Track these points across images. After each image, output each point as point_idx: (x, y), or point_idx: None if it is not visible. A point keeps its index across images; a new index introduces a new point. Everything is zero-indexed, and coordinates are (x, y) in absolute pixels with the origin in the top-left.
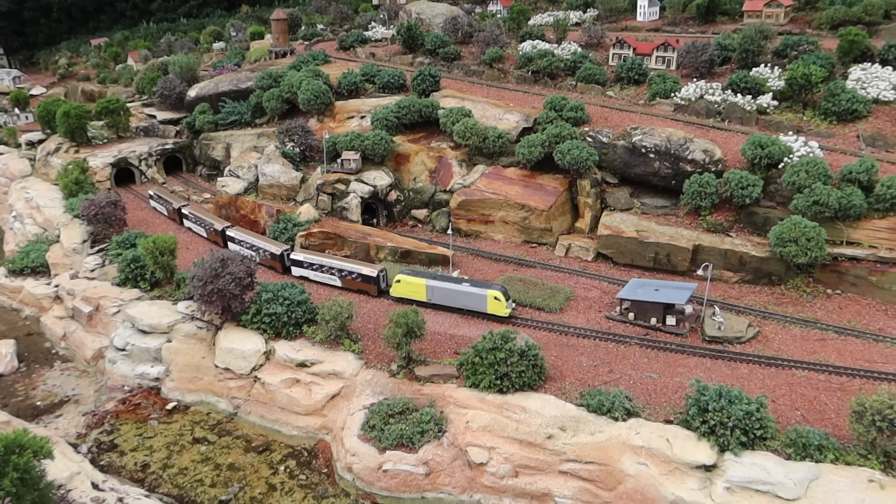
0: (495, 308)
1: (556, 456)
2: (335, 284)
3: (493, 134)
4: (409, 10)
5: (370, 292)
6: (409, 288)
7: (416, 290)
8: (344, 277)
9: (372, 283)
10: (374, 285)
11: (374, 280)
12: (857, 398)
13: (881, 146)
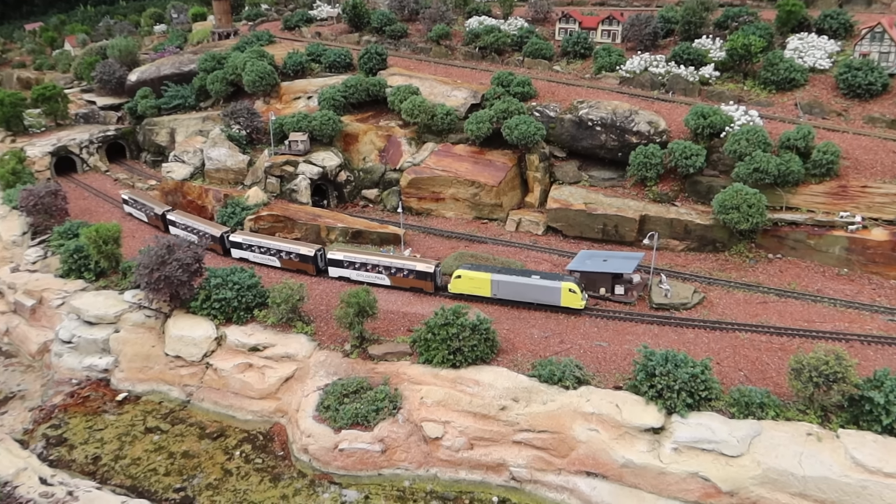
0: (570, 301)
1: (509, 427)
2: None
3: (441, 111)
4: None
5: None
6: (471, 283)
7: (479, 286)
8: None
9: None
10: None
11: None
12: (795, 356)
13: (818, 113)
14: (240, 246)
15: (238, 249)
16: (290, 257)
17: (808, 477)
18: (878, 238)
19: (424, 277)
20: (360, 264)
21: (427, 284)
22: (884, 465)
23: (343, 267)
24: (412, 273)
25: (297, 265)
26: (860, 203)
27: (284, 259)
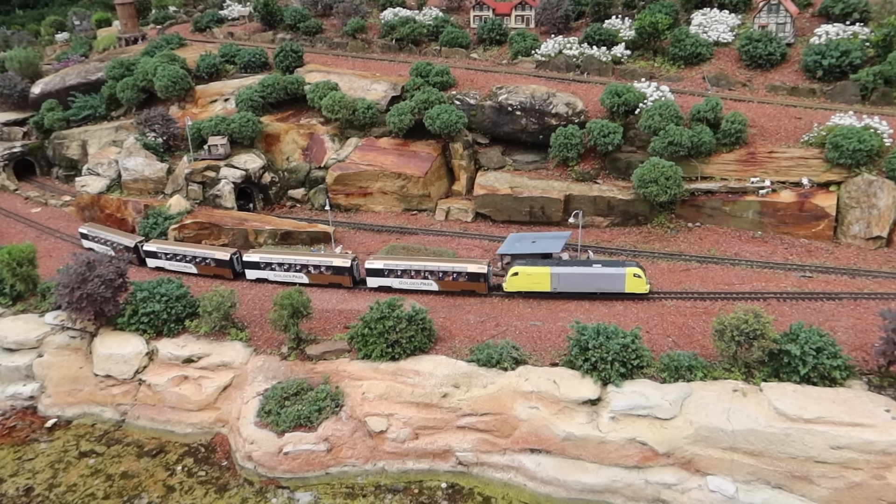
0: (635, 286)
1: (452, 413)
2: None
3: (362, 105)
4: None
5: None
6: (529, 280)
7: (538, 281)
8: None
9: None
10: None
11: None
12: (717, 318)
13: (724, 85)
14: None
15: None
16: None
17: (737, 431)
18: (786, 200)
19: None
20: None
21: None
22: (803, 412)
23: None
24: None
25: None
26: (768, 168)
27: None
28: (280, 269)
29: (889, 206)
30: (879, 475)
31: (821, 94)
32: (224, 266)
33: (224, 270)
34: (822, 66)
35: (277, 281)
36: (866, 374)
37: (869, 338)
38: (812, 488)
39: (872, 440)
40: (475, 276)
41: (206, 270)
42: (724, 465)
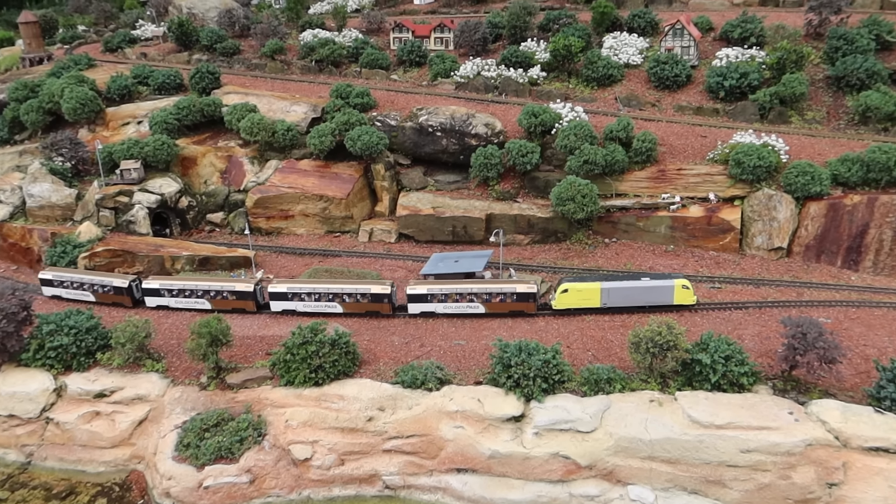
0: (683, 297)
1: (378, 436)
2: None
3: (281, 127)
4: (179, 6)
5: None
6: (579, 296)
7: (588, 297)
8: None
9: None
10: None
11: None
12: (633, 331)
13: (635, 105)
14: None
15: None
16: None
17: (654, 440)
18: (695, 215)
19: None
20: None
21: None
22: (715, 418)
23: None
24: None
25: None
26: (678, 184)
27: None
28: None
29: (788, 219)
30: (785, 475)
31: (724, 114)
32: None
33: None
34: (724, 87)
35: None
36: (771, 379)
37: (773, 344)
38: (725, 492)
39: (778, 442)
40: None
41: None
42: (643, 473)
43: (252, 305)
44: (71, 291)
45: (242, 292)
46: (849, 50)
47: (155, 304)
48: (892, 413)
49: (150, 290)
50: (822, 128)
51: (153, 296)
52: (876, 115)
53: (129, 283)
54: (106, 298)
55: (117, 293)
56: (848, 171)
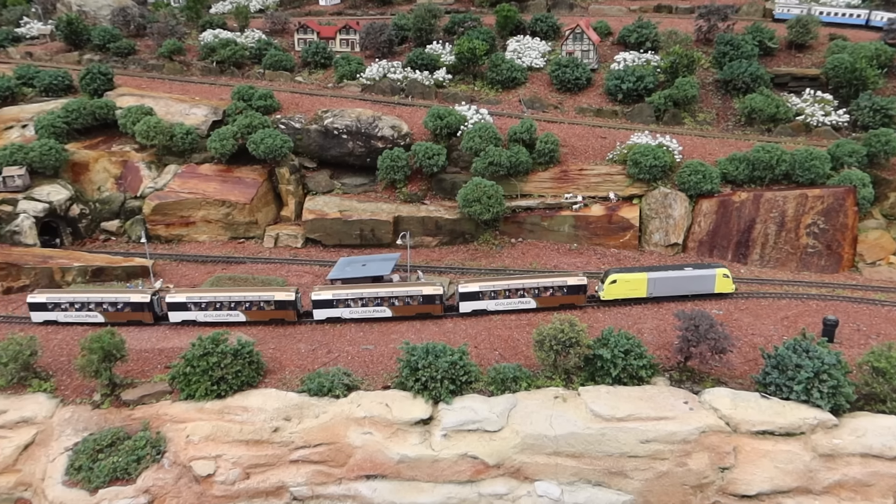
0: (724, 286)
1: (285, 447)
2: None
3: (180, 131)
4: (68, 3)
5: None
6: (627, 286)
7: (635, 287)
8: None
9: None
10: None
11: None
12: (537, 329)
13: (538, 107)
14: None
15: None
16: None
17: (559, 436)
18: (596, 214)
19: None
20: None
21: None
22: (616, 411)
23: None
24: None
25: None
26: (580, 184)
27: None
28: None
29: (682, 216)
30: (682, 462)
31: (622, 115)
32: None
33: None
34: (622, 90)
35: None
36: (668, 371)
37: (670, 337)
38: (627, 482)
39: (675, 431)
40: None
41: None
42: (549, 469)
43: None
44: (71, 314)
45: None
46: (735, 55)
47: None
48: (777, 398)
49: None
50: (712, 129)
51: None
52: (759, 116)
53: (152, 298)
54: (119, 317)
55: (136, 309)
56: (736, 170)
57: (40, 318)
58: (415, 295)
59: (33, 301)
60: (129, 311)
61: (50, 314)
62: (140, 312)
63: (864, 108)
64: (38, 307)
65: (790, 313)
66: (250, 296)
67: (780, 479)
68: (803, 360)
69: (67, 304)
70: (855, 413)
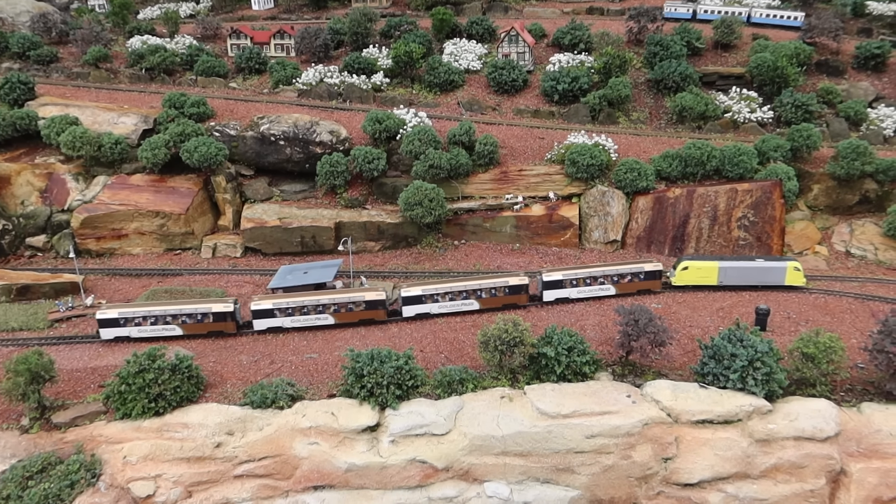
0: (795, 279)
1: (228, 462)
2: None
3: (108, 140)
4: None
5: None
6: (698, 273)
7: (706, 275)
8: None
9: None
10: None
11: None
12: (482, 330)
13: (477, 109)
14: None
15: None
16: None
17: (506, 435)
18: (537, 213)
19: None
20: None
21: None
22: (561, 408)
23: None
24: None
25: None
26: (520, 185)
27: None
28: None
29: (620, 213)
30: (626, 455)
31: (559, 116)
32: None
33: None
34: (558, 91)
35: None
36: (611, 365)
37: (611, 332)
38: (574, 477)
39: (618, 425)
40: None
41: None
42: (497, 469)
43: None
44: (146, 329)
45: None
46: (665, 55)
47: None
48: (714, 387)
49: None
50: (646, 127)
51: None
52: (690, 114)
53: (234, 307)
54: (199, 329)
55: (218, 320)
56: (669, 167)
57: (111, 335)
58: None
59: (104, 317)
60: (210, 322)
61: (122, 330)
62: (222, 322)
63: (787, 105)
64: (108, 323)
65: (725, 304)
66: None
67: (720, 465)
68: (738, 349)
69: (141, 318)
70: (788, 398)
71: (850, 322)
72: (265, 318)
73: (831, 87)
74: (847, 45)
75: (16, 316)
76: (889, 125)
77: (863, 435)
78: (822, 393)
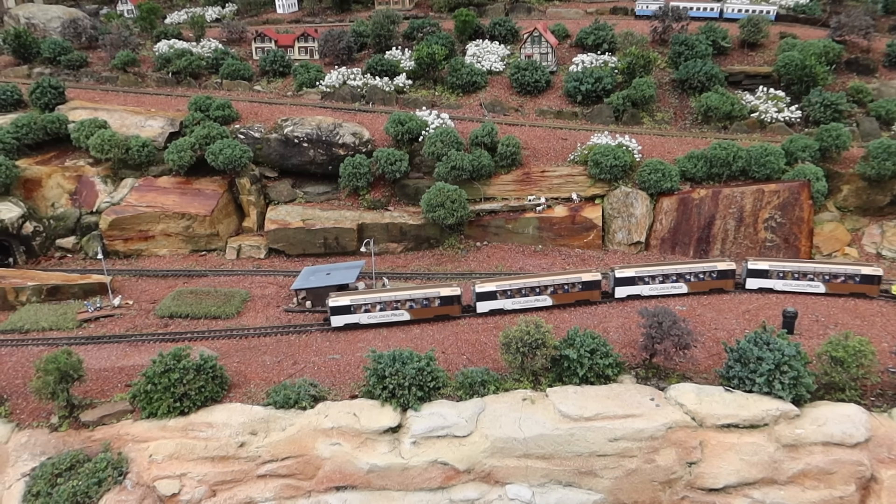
0: None
1: (251, 462)
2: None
3: (136, 143)
4: (16, 16)
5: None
6: None
7: None
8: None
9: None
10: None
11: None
12: (503, 332)
13: (499, 111)
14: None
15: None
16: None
17: (528, 438)
18: (560, 215)
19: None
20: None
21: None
22: (583, 411)
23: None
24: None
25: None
26: (542, 186)
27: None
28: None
29: (644, 214)
30: (650, 459)
31: (582, 117)
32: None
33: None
34: (581, 92)
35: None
36: (634, 368)
37: (634, 335)
38: (597, 481)
39: (642, 428)
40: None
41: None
42: (520, 472)
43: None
44: (375, 315)
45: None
46: (690, 55)
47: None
48: (740, 390)
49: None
50: (670, 127)
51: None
52: (715, 114)
53: (459, 291)
54: (426, 314)
55: (444, 304)
56: (694, 167)
57: (340, 323)
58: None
59: (335, 305)
60: (435, 307)
61: (352, 317)
62: (448, 307)
63: (815, 104)
64: (339, 311)
65: (751, 307)
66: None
67: (745, 471)
68: (764, 352)
69: (371, 304)
70: (816, 403)
71: (881, 325)
72: (488, 300)
73: (861, 86)
74: (878, 43)
75: (46, 316)
76: None
77: (894, 441)
78: (851, 398)
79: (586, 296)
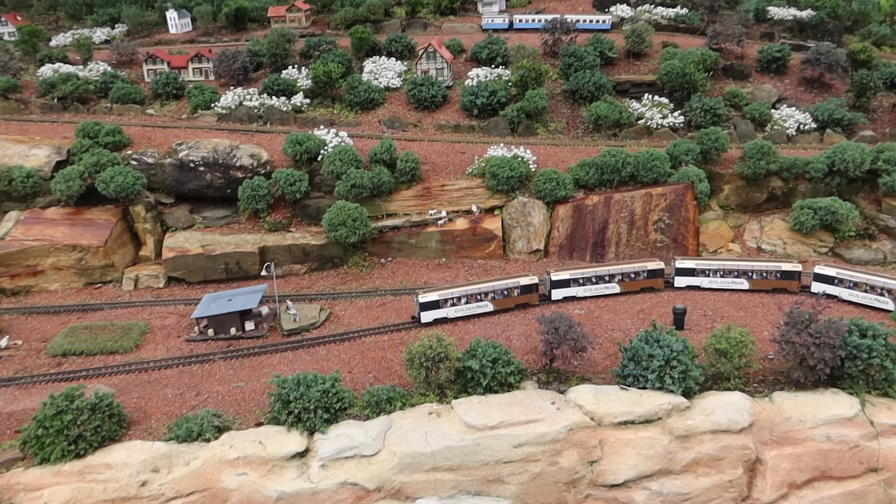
0: None
1: (155, 500)
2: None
3: (19, 174)
4: None
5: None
6: None
7: None
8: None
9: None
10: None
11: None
12: (407, 348)
13: (398, 127)
14: None
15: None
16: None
17: (436, 451)
18: (461, 227)
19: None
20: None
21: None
22: (488, 420)
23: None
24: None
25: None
26: (443, 200)
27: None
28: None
29: (542, 223)
30: (554, 461)
31: (479, 130)
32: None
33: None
34: (477, 105)
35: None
36: (536, 374)
37: (535, 341)
38: (504, 487)
39: (544, 432)
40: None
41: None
42: (429, 486)
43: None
44: (462, 308)
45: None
46: (579, 66)
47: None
48: (635, 388)
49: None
50: (563, 137)
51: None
52: (605, 122)
53: (538, 280)
54: (507, 303)
55: (525, 292)
56: (587, 175)
57: (430, 318)
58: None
59: (425, 301)
60: (517, 296)
61: (439, 311)
62: (528, 294)
63: (696, 109)
64: (428, 307)
65: (645, 306)
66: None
67: (643, 464)
68: (654, 349)
69: (456, 298)
70: (704, 393)
71: (761, 315)
72: (563, 287)
73: (737, 91)
74: (751, 50)
75: None
76: (791, 125)
77: (775, 423)
78: (736, 386)
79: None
